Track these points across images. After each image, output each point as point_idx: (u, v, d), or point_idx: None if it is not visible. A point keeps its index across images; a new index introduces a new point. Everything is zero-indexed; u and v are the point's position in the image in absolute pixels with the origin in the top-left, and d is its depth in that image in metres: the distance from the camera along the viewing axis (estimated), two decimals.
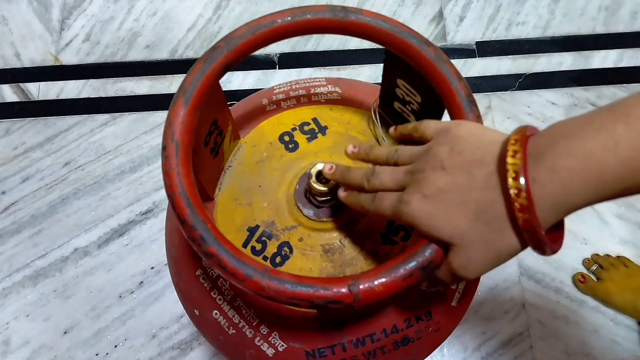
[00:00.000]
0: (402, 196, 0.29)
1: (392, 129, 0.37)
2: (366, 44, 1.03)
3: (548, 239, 0.24)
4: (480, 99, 1.00)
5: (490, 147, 0.27)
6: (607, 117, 0.23)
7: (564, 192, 0.23)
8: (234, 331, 0.41)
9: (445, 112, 0.35)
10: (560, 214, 0.24)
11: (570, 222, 0.44)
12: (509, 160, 0.24)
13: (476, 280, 0.46)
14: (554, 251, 0.25)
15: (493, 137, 0.28)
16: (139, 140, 0.98)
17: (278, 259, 0.40)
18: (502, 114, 0.99)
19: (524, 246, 0.26)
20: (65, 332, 0.85)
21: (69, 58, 1.04)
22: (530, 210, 0.23)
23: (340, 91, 0.49)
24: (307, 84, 0.49)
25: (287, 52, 1.05)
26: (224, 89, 0.36)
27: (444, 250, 0.28)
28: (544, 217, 0.24)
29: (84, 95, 1.01)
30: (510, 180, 0.24)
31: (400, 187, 0.30)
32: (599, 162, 0.22)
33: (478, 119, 0.32)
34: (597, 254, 0.88)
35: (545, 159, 0.24)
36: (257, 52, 0.39)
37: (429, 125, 0.32)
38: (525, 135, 0.25)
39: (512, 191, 0.24)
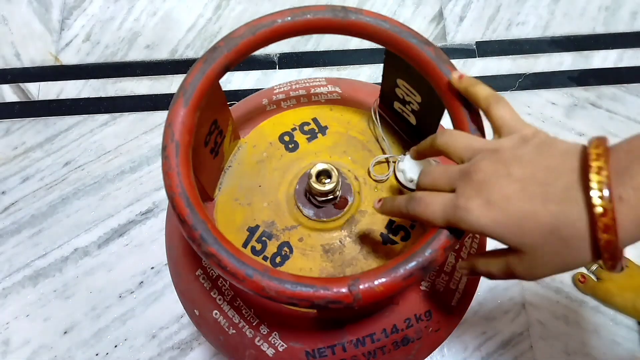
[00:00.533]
0: (457, 201, 0.27)
1: (411, 152, 0.34)
2: (366, 44, 1.03)
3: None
4: None
5: (565, 157, 0.25)
6: None
7: None
8: (234, 331, 0.41)
9: (446, 112, 0.35)
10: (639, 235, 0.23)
11: None
12: (594, 177, 0.23)
13: (476, 280, 0.46)
14: (622, 269, 0.25)
15: (565, 147, 0.26)
16: (139, 140, 0.98)
17: (278, 259, 0.40)
18: None
19: (595, 261, 0.24)
20: (65, 332, 0.85)
21: (69, 58, 1.04)
22: (615, 230, 0.22)
23: (340, 91, 0.49)
24: (307, 84, 0.49)
25: (287, 52, 1.05)
26: (224, 89, 0.36)
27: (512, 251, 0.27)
28: (625, 236, 0.23)
29: (84, 95, 1.01)
30: (595, 198, 0.22)
31: (451, 189, 0.28)
32: None
33: (478, 118, 0.32)
34: None
35: (631, 177, 0.22)
36: (257, 52, 0.39)
37: (458, 140, 0.29)
38: (607, 149, 0.24)
39: (598, 209, 0.22)
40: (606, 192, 0.22)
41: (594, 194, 0.22)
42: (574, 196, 0.24)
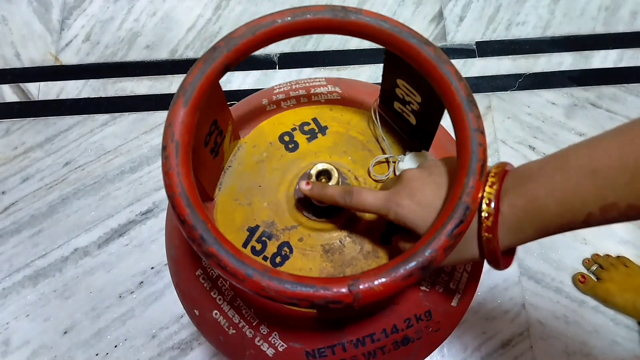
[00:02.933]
0: (392, 196, 0.33)
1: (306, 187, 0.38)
2: (366, 44, 1.03)
3: (503, 258, 0.31)
4: (480, 99, 1.00)
5: None
6: (551, 166, 0.29)
7: (517, 224, 0.29)
8: (234, 331, 0.41)
9: (446, 112, 0.35)
10: (514, 240, 0.30)
11: None
12: (487, 189, 0.30)
13: (476, 280, 0.46)
14: (505, 267, 0.32)
15: None
16: (139, 140, 0.98)
17: (278, 259, 0.40)
18: (502, 114, 0.99)
19: (482, 258, 0.32)
20: (65, 332, 0.85)
21: (69, 58, 1.04)
22: (494, 232, 0.29)
23: (340, 91, 0.48)
24: (307, 84, 0.49)
25: (287, 52, 1.05)
26: (224, 89, 0.36)
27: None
28: (503, 240, 0.30)
29: (84, 95, 1.01)
30: (484, 205, 0.29)
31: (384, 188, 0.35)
32: (541, 202, 0.28)
33: (478, 119, 0.32)
34: (597, 254, 0.88)
35: (509, 196, 0.29)
36: (257, 52, 0.39)
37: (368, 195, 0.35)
38: (504, 170, 0.31)
39: (484, 214, 0.29)
40: (492, 203, 0.29)
41: (484, 202, 0.29)
42: None
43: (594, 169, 0.26)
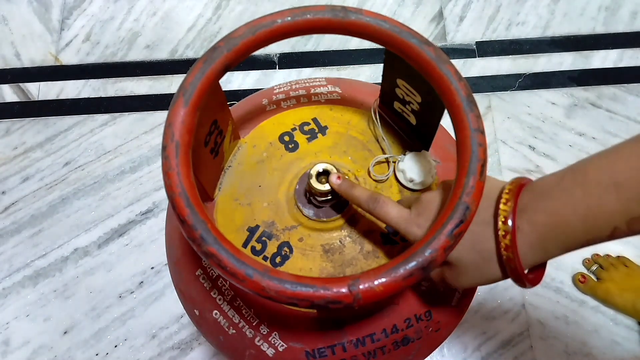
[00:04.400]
0: (413, 218, 0.33)
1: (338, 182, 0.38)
2: (366, 44, 1.03)
3: (528, 275, 0.30)
4: (480, 99, 1.00)
5: (491, 190, 0.31)
6: (570, 180, 0.28)
7: (540, 241, 0.28)
8: (234, 331, 0.41)
9: (446, 112, 0.35)
10: (538, 258, 0.29)
11: None
12: (502, 206, 0.29)
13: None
14: (533, 285, 0.30)
15: (496, 183, 0.32)
16: (139, 140, 0.98)
17: (278, 259, 0.40)
18: (502, 114, 0.99)
19: (505, 277, 0.31)
20: (65, 332, 0.85)
21: (69, 58, 1.04)
22: (514, 250, 0.29)
23: (340, 91, 0.49)
24: (307, 84, 0.49)
25: (287, 52, 1.05)
26: (224, 89, 0.36)
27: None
28: (525, 258, 0.29)
29: (84, 95, 1.01)
30: (500, 223, 0.29)
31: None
32: (564, 219, 0.27)
33: (478, 119, 0.32)
34: (597, 254, 0.88)
35: (527, 213, 0.29)
36: (257, 52, 0.39)
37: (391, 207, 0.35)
38: (519, 185, 0.30)
39: (500, 232, 0.29)
40: (509, 221, 0.29)
41: (499, 220, 0.29)
42: (489, 221, 0.30)
43: (616, 183, 0.26)
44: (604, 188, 0.26)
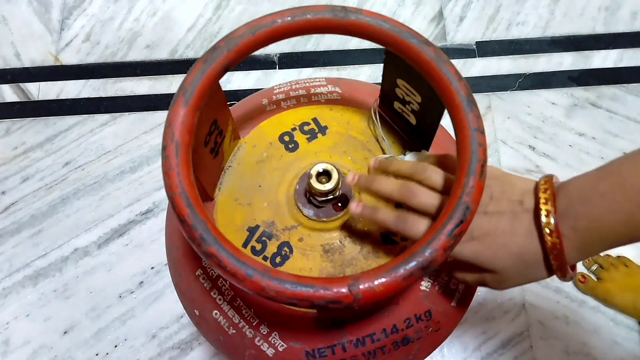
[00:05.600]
0: None
1: (377, 161, 0.39)
2: (366, 44, 1.03)
3: (571, 271, 0.32)
4: (480, 99, 1.00)
5: (524, 197, 0.32)
6: (607, 185, 0.29)
7: (585, 245, 0.30)
8: (234, 331, 0.41)
9: (446, 112, 0.35)
10: (582, 257, 0.31)
11: None
12: (544, 219, 0.30)
13: None
14: (573, 278, 0.33)
15: (523, 185, 0.33)
16: (139, 140, 0.98)
17: (278, 259, 0.40)
18: (502, 114, 0.99)
19: (550, 276, 0.32)
20: (65, 332, 0.85)
21: (69, 58, 1.04)
22: (562, 258, 0.30)
23: (340, 91, 0.49)
24: (307, 84, 0.49)
25: (287, 52, 1.05)
26: (224, 89, 0.36)
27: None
28: (571, 260, 0.31)
29: (84, 95, 1.01)
30: (547, 237, 0.30)
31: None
32: (606, 224, 0.29)
33: (478, 119, 0.32)
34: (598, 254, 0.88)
35: (569, 219, 0.30)
36: (257, 52, 0.39)
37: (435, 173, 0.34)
38: (553, 193, 0.31)
39: (548, 245, 0.30)
40: (554, 233, 0.30)
41: (546, 233, 0.30)
42: (532, 232, 0.31)
43: None
44: None
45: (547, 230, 0.30)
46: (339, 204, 0.41)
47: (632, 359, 0.84)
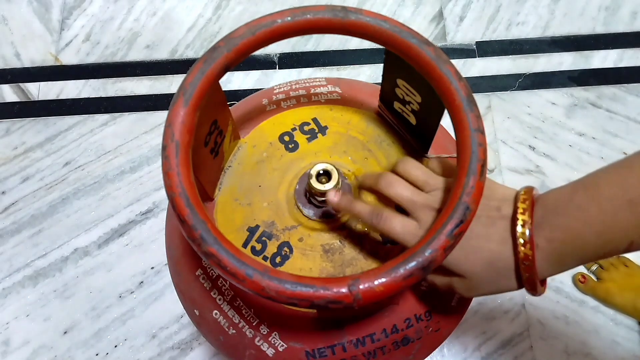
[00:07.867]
0: (419, 232, 0.33)
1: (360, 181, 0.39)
2: (366, 44, 1.03)
3: (541, 285, 0.31)
4: (480, 99, 1.00)
5: (502, 204, 0.32)
6: (583, 196, 0.29)
7: (558, 257, 0.29)
8: (234, 331, 0.41)
9: (446, 112, 0.35)
10: (555, 271, 0.30)
11: None
12: (519, 229, 0.30)
13: None
14: (541, 294, 0.32)
15: (503, 192, 0.33)
16: (139, 140, 0.98)
17: (278, 259, 0.40)
18: (502, 114, 0.99)
19: (519, 288, 0.32)
20: (65, 332, 0.85)
21: (69, 58, 1.04)
22: (533, 270, 0.30)
23: (340, 91, 0.49)
24: (307, 84, 0.49)
25: (287, 52, 1.05)
26: (224, 89, 0.36)
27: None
28: (542, 272, 0.30)
29: (84, 95, 1.01)
30: (520, 247, 0.30)
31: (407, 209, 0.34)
32: (581, 236, 0.28)
33: (478, 119, 0.32)
34: None
35: (543, 230, 0.29)
36: (257, 52, 0.39)
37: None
38: (531, 204, 0.30)
39: (521, 255, 0.30)
40: (528, 243, 0.29)
41: (520, 243, 0.30)
42: (507, 240, 0.31)
43: (630, 199, 0.26)
44: (617, 205, 0.27)
45: (521, 241, 0.30)
46: None
47: (632, 359, 0.84)
